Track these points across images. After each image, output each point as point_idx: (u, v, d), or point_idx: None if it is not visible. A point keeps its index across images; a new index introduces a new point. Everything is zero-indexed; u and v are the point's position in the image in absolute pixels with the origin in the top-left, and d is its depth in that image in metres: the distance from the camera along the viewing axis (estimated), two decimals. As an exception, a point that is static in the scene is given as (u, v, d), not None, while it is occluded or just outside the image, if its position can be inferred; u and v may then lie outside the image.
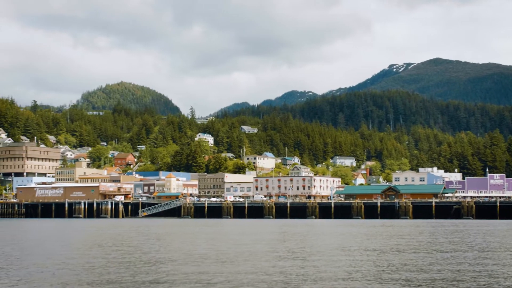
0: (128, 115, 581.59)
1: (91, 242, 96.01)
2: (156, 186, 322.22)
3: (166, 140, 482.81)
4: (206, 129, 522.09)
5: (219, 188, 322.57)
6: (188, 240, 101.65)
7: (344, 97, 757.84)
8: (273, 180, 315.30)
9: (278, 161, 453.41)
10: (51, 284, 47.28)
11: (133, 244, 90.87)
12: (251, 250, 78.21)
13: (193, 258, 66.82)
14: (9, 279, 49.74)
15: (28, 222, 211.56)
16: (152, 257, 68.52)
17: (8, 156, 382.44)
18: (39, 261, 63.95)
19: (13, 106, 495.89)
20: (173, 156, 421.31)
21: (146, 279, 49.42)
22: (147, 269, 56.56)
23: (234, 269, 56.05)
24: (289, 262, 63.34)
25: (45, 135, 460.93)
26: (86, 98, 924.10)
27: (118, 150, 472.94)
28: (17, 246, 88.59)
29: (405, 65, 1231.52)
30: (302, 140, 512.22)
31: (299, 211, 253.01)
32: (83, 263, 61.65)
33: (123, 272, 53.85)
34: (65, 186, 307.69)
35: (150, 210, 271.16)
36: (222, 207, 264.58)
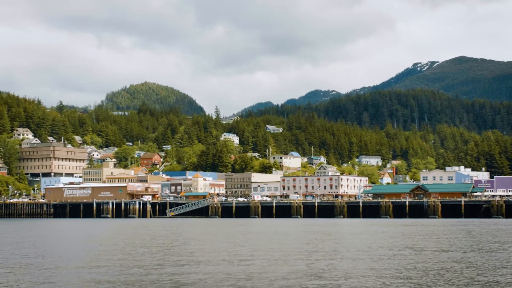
0: (153, 115, 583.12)
1: (142, 243, 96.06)
2: (183, 186, 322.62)
3: (191, 140, 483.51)
4: (231, 129, 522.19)
5: (246, 187, 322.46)
6: (231, 239, 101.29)
7: (368, 96, 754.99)
8: (300, 179, 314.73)
9: (304, 161, 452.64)
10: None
11: (184, 245, 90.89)
12: (298, 249, 78.03)
13: (247, 258, 66.99)
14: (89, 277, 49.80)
15: (62, 222, 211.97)
16: (208, 258, 68.15)
17: (36, 157, 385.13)
18: (108, 262, 64.09)
19: (40, 107, 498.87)
20: (199, 156, 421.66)
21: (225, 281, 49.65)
22: (214, 268, 56.84)
23: (294, 269, 55.98)
24: (346, 261, 63.60)
25: (71, 135, 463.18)
26: (110, 99, 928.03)
27: (144, 150, 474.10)
28: (81, 248, 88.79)
29: (429, 64, 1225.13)
30: (327, 139, 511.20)
31: (327, 211, 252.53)
32: (153, 265, 61.84)
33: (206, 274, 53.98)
34: (93, 186, 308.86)
35: (178, 210, 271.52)
36: (250, 207, 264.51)
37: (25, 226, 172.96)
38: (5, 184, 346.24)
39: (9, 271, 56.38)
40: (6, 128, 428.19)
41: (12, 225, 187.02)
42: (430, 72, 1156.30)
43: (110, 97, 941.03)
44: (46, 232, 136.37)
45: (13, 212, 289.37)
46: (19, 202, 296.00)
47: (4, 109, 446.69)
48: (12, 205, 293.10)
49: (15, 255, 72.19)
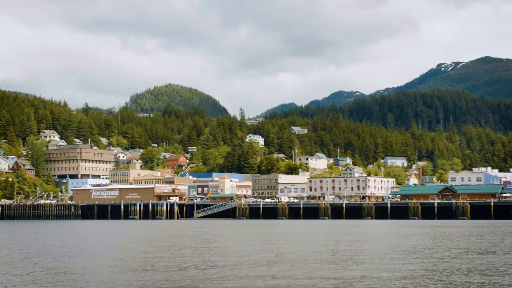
0: (178, 117, 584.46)
1: (184, 244, 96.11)
2: (209, 187, 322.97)
3: (216, 142, 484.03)
4: (256, 130, 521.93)
5: (272, 189, 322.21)
6: (270, 241, 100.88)
7: (393, 97, 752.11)
8: (327, 180, 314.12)
9: (330, 162, 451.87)
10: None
11: (220, 246, 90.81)
12: (344, 251, 77.80)
13: (295, 259, 66.73)
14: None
15: (95, 224, 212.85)
16: (255, 259, 67.88)
17: (63, 158, 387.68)
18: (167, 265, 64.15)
19: (66, 109, 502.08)
20: (225, 157, 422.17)
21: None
22: (279, 270, 56.52)
23: (367, 273, 55.61)
24: (400, 261, 63.49)
25: (97, 137, 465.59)
26: (134, 100, 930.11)
27: (169, 152, 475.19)
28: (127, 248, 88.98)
29: (454, 64, 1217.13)
30: (353, 140, 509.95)
31: (355, 212, 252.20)
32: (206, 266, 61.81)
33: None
34: (121, 187, 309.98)
35: (205, 211, 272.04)
36: (277, 208, 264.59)
37: (63, 228, 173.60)
38: (32, 185, 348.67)
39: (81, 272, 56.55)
40: (33, 130, 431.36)
41: (50, 226, 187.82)
42: (455, 72, 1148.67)
43: (134, 99, 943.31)
44: (88, 234, 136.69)
45: (41, 214, 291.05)
46: (47, 204, 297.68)
47: (31, 111, 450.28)
48: (40, 206, 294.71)
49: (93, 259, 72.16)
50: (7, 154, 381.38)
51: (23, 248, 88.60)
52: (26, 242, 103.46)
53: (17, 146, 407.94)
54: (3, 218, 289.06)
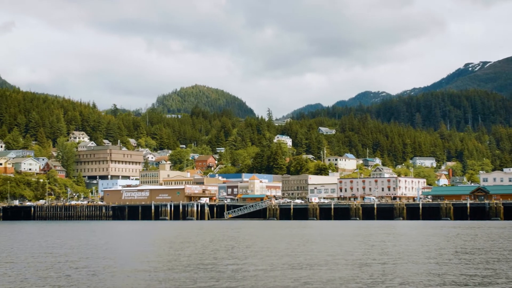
0: (206, 118, 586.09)
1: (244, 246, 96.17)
2: (239, 188, 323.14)
3: (245, 142, 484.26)
4: (284, 131, 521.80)
5: (302, 189, 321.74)
6: (318, 242, 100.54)
7: (420, 97, 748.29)
8: (358, 181, 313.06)
9: (359, 163, 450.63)
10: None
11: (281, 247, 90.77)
12: (398, 252, 77.56)
13: (357, 260, 66.83)
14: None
15: (131, 225, 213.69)
16: (320, 260, 67.99)
17: (93, 160, 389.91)
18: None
19: (95, 111, 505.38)
20: (253, 158, 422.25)
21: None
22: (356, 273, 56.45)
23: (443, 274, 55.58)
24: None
25: (126, 138, 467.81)
26: (161, 101, 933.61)
27: (198, 153, 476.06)
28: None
29: (481, 64, 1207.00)
30: (381, 141, 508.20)
31: (386, 212, 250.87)
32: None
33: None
34: (151, 188, 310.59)
35: (236, 212, 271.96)
36: (308, 209, 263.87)
37: (107, 228, 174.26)
38: (63, 186, 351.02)
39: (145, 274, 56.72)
40: (62, 131, 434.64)
41: (89, 227, 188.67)
42: (482, 72, 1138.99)
43: (161, 100, 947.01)
44: (131, 235, 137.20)
45: (73, 215, 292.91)
46: (78, 205, 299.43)
47: (61, 113, 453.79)
48: (71, 207, 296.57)
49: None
50: (38, 155, 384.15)
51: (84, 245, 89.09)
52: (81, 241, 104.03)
53: (47, 147, 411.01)
54: (34, 219, 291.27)
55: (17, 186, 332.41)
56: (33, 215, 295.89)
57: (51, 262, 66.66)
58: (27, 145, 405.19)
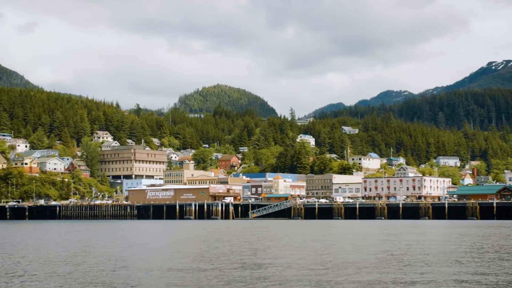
0: (229, 117, 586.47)
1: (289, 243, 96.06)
2: (263, 188, 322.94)
3: (268, 142, 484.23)
4: (306, 130, 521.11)
5: (327, 189, 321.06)
6: (355, 241, 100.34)
7: (444, 96, 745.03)
8: (382, 180, 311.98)
9: (383, 162, 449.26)
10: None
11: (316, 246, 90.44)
12: (440, 252, 77.32)
13: (399, 260, 66.60)
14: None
15: (156, 224, 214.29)
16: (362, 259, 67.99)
17: (117, 159, 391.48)
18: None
19: (118, 110, 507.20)
20: (277, 157, 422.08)
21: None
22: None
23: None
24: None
25: (149, 138, 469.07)
26: (183, 101, 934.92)
27: (221, 152, 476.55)
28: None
29: (505, 63, 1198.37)
30: (404, 140, 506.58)
31: (411, 212, 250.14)
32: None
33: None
34: (176, 188, 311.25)
35: (260, 211, 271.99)
36: (333, 208, 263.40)
37: (140, 228, 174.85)
38: (88, 186, 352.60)
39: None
40: (86, 131, 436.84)
41: (123, 226, 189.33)
42: (506, 71, 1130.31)
43: (183, 99, 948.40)
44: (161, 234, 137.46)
45: (98, 214, 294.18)
46: (103, 204, 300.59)
47: (84, 112, 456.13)
48: (96, 206, 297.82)
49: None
50: (62, 155, 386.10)
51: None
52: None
53: (72, 147, 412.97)
54: (60, 218, 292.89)
55: (42, 185, 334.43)
56: (59, 214, 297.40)
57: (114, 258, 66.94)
58: (52, 145, 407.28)
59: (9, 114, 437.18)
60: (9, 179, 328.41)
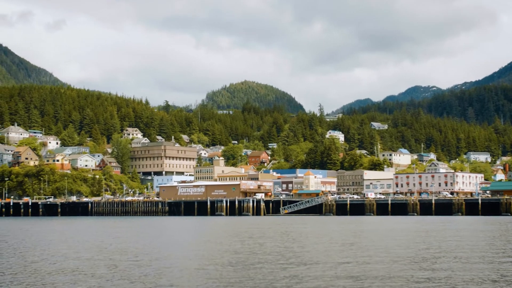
0: (258, 114, 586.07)
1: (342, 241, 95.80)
2: (294, 184, 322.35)
3: (297, 138, 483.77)
4: (335, 126, 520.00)
5: (358, 185, 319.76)
6: (400, 237, 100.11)
7: (473, 91, 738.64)
8: (414, 176, 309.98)
9: (414, 158, 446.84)
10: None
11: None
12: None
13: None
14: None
15: (190, 220, 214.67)
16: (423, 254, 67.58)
17: (148, 156, 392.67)
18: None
19: (148, 107, 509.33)
20: (307, 153, 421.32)
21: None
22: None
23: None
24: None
25: (179, 134, 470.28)
26: (210, 98, 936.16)
27: (250, 149, 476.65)
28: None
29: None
30: (434, 135, 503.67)
31: (444, 208, 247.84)
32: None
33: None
34: (207, 184, 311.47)
35: (292, 207, 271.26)
36: (365, 204, 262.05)
37: (182, 224, 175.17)
38: (119, 182, 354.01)
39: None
40: (116, 128, 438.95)
41: (165, 222, 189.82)
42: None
43: (211, 96, 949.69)
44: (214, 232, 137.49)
45: (129, 210, 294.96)
46: (134, 201, 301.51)
47: (114, 109, 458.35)
48: (128, 203, 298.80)
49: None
50: (93, 151, 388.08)
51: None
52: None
53: (102, 144, 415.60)
54: (92, 215, 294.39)
55: (73, 182, 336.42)
56: (91, 211, 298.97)
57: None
58: (82, 141, 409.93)
59: (40, 112, 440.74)
60: (41, 176, 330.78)
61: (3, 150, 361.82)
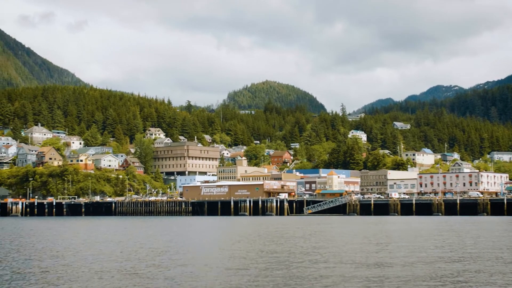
0: (280, 114, 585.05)
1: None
2: (317, 184, 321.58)
3: (319, 138, 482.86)
4: (358, 126, 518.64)
5: (381, 185, 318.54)
6: (436, 237, 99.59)
7: (496, 91, 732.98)
8: (438, 176, 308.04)
9: (437, 157, 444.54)
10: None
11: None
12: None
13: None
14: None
15: (214, 220, 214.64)
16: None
17: (170, 156, 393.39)
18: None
19: (170, 107, 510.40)
20: (329, 153, 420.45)
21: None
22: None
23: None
24: None
25: (201, 134, 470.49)
26: (232, 98, 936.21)
27: (272, 148, 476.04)
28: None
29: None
30: (457, 135, 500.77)
31: (469, 208, 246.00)
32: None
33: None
34: (230, 184, 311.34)
35: (315, 207, 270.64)
36: (389, 204, 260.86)
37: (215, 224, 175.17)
38: (142, 182, 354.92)
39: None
40: (139, 128, 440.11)
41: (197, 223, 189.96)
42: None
43: (232, 96, 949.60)
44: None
45: (153, 210, 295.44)
46: (158, 200, 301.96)
47: (137, 109, 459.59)
48: (151, 203, 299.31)
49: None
50: (116, 152, 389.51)
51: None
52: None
53: (125, 144, 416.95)
54: (115, 214, 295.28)
55: (97, 182, 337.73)
56: (114, 210, 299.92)
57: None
58: (105, 141, 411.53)
59: (63, 112, 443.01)
60: (65, 176, 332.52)
61: (27, 150, 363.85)
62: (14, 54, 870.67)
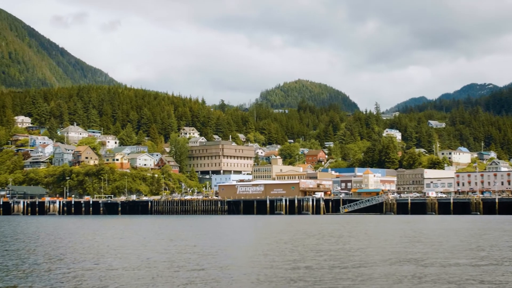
0: (313, 112, 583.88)
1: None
2: (353, 183, 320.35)
3: (353, 137, 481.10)
4: (392, 125, 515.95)
5: (418, 184, 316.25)
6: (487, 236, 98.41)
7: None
8: (476, 175, 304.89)
9: (474, 156, 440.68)
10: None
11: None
12: None
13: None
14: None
15: (252, 219, 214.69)
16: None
17: (206, 155, 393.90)
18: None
19: (204, 106, 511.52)
20: (364, 152, 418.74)
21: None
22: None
23: None
24: None
25: (235, 133, 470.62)
26: (264, 97, 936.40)
27: (306, 147, 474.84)
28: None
29: None
30: (494, 134, 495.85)
31: (508, 207, 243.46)
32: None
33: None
34: (266, 183, 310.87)
35: (352, 206, 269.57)
36: (426, 203, 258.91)
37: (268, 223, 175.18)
38: (177, 181, 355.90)
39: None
40: (173, 127, 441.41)
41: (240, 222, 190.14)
42: None
43: (264, 95, 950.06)
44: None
45: (189, 209, 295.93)
46: (194, 199, 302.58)
47: (171, 109, 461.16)
48: (187, 202, 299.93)
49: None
50: (151, 151, 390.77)
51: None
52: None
53: (159, 143, 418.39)
54: (152, 213, 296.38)
55: (133, 181, 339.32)
56: (150, 209, 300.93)
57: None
58: (140, 141, 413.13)
59: (98, 111, 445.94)
60: (101, 175, 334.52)
61: (63, 150, 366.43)
62: (48, 54, 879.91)
